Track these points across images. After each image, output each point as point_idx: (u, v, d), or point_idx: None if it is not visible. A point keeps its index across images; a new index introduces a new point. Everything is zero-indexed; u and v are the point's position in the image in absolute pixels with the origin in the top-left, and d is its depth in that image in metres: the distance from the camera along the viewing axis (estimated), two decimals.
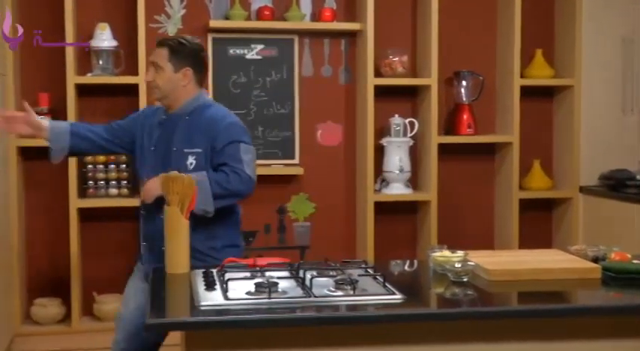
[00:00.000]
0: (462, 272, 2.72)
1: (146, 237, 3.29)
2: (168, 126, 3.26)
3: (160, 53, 3.24)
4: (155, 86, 3.24)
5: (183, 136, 3.20)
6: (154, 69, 3.24)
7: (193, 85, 3.29)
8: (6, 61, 4.41)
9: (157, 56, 3.25)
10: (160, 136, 3.26)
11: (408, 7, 5.14)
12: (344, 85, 5.13)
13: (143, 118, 3.38)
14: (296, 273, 2.73)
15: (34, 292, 4.79)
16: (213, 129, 3.18)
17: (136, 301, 3.26)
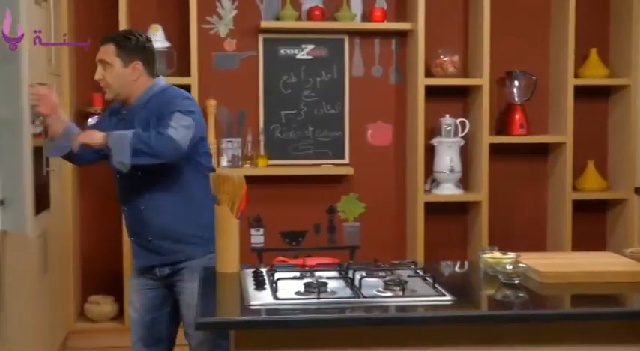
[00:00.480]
0: (513, 274, 2.69)
1: (134, 232, 3.27)
2: (127, 120, 3.25)
3: (107, 50, 3.21)
4: (105, 85, 3.22)
5: (141, 124, 3.16)
6: (103, 67, 3.21)
7: (145, 77, 3.26)
8: (61, 62, 4.49)
9: (103, 53, 3.21)
10: (123, 128, 3.20)
11: (459, 6, 5.10)
12: (394, 85, 5.11)
13: (109, 117, 3.37)
14: (345, 273, 2.73)
15: (88, 290, 4.87)
16: (158, 106, 3.19)
17: (139, 300, 3.33)
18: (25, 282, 3.62)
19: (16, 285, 3.44)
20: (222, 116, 4.95)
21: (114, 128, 3.22)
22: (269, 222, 5.05)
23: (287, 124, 5.02)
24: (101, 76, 3.21)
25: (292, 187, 5.04)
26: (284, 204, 5.03)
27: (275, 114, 5.01)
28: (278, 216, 4.97)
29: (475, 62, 4.97)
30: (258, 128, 4.97)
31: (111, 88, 3.22)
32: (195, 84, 4.70)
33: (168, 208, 3.20)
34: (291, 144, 5.03)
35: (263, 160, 4.91)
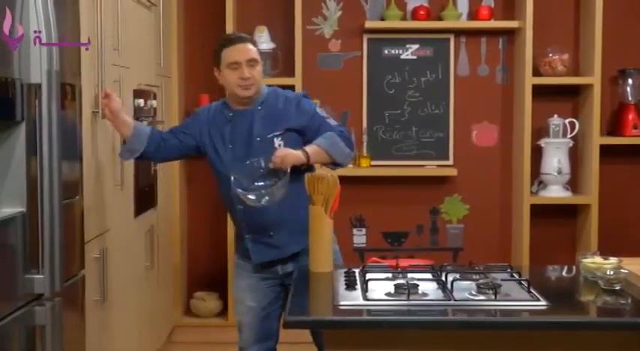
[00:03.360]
0: (614, 280, 2.59)
1: (252, 229, 3.23)
2: (241, 120, 3.20)
3: (252, 49, 3.20)
4: (253, 82, 3.17)
5: (262, 125, 3.18)
6: (251, 65, 3.16)
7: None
8: (170, 65, 4.63)
9: (252, 52, 3.19)
10: (232, 131, 3.20)
11: (570, 2, 4.96)
12: (501, 85, 5.01)
13: (204, 121, 3.29)
14: (438, 275, 2.70)
15: (194, 286, 5.00)
16: (290, 111, 3.21)
17: (254, 298, 3.28)
18: (131, 277, 3.75)
19: (123, 280, 3.57)
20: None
21: (220, 131, 3.22)
22: (371, 222, 5.08)
23: (390, 124, 5.01)
24: (250, 74, 3.16)
25: (395, 188, 5.01)
26: (386, 204, 5.01)
27: (378, 114, 5.00)
28: (380, 216, 5.00)
29: (586, 60, 4.82)
30: (362, 128, 4.98)
31: (256, 85, 3.20)
32: (300, 84, 4.75)
33: (287, 201, 3.14)
34: (394, 144, 5.01)
35: (366, 160, 4.91)
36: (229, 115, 3.24)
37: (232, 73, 3.16)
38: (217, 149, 3.22)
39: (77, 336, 2.87)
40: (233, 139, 3.20)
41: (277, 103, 3.23)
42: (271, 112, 3.21)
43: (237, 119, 3.22)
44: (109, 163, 3.41)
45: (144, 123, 4.00)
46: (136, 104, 3.86)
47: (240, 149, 3.18)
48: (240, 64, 3.14)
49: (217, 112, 3.30)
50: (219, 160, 3.21)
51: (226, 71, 3.18)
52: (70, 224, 2.77)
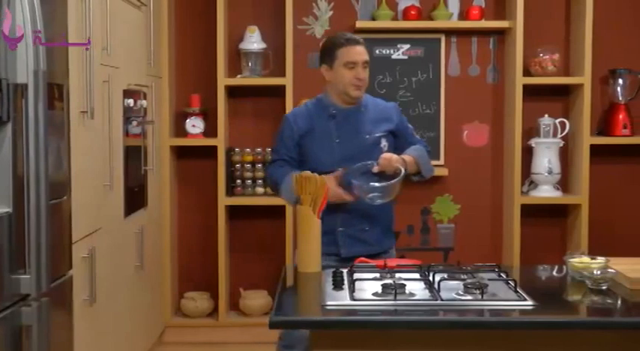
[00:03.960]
0: (600, 280, 2.60)
1: (348, 223, 3.28)
2: (346, 118, 3.32)
3: (364, 50, 3.33)
4: (365, 85, 3.32)
5: (370, 123, 3.33)
6: (364, 67, 3.30)
7: None
8: (161, 64, 4.63)
9: (366, 55, 3.32)
10: (338, 127, 3.32)
11: (560, 2, 4.96)
12: (491, 85, 5.01)
13: (300, 122, 3.35)
14: (425, 275, 2.70)
15: (185, 286, 4.99)
16: (391, 116, 3.41)
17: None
18: (121, 277, 3.75)
19: (113, 280, 3.57)
20: None
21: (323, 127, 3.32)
22: None
23: None
24: (364, 76, 3.31)
25: None
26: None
27: None
28: None
29: (577, 60, 4.83)
30: None
31: (365, 87, 3.35)
32: (290, 84, 4.75)
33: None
34: None
35: None
36: (332, 112, 3.34)
37: (348, 72, 3.27)
38: (322, 145, 3.31)
39: (65, 336, 2.87)
40: (339, 135, 3.31)
41: (379, 106, 3.43)
42: (377, 114, 3.37)
43: (341, 116, 3.33)
44: (98, 162, 3.41)
45: (133, 123, 4.01)
46: (126, 104, 3.86)
47: (348, 145, 3.29)
48: (357, 64, 3.28)
49: (316, 109, 3.38)
50: (325, 154, 3.29)
51: (342, 70, 3.28)
52: (58, 224, 2.76)
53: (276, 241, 4.85)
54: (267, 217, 4.93)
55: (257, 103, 4.98)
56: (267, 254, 4.93)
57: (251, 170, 4.87)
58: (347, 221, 3.29)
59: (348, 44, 3.30)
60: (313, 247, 2.89)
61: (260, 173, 4.86)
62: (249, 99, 4.97)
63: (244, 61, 4.86)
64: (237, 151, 4.89)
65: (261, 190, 4.86)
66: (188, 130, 4.83)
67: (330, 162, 3.25)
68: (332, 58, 3.31)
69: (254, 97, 4.97)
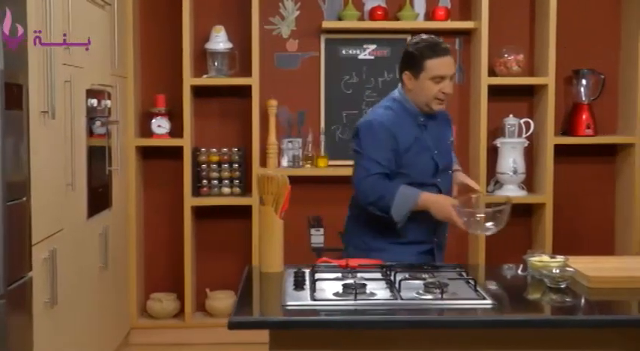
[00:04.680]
0: (559, 278, 2.62)
1: (438, 233, 3.19)
2: (431, 126, 3.19)
3: (452, 62, 3.12)
4: (449, 97, 3.15)
5: (444, 131, 3.27)
6: (450, 80, 3.09)
7: None
8: (126, 64, 4.60)
9: (453, 66, 3.13)
10: (432, 138, 3.17)
11: (525, 3, 5.00)
12: (457, 85, 5.03)
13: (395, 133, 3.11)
14: (387, 275, 2.71)
15: (151, 287, 4.96)
16: (446, 118, 3.34)
17: None
18: (84, 279, 3.72)
19: (75, 281, 3.53)
20: (283, 116, 4.98)
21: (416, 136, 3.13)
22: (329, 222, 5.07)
23: (348, 124, 5.01)
24: (451, 90, 3.11)
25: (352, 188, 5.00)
26: (344, 204, 4.97)
27: (336, 114, 5.01)
28: (338, 216, 4.96)
29: (541, 61, 4.87)
30: (319, 128, 4.98)
31: (448, 100, 3.18)
32: (257, 84, 4.74)
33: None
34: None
35: (323, 160, 4.91)
36: (421, 121, 3.17)
37: (434, 86, 3.07)
38: (424, 156, 3.15)
39: (24, 338, 2.84)
40: (435, 146, 3.17)
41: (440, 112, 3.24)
42: (442, 118, 3.27)
43: (428, 124, 3.18)
44: (60, 163, 3.38)
45: (97, 123, 3.98)
46: (89, 104, 3.83)
47: (442, 156, 3.20)
48: (445, 78, 3.08)
49: (405, 116, 3.16)
50: (427, 166, 3.15)
51: (428, 82, 3.07)
52: (16, 225, 2.73)
53: (243, 242, 4.84)
54: (234, 217, 4.92)
55: (223, 103, 4.96)
56: (233, 254, 4.91)
57: (217, 170, 4.85)
58: (439, 231, 3.19)
59: (437, 56, 3.05)
60: (275, 247, 2.88)
61: (226, 173, 4.85)
62: (215, 99, 4.95)
63: (210, 61, 4.84)
64: (203, 151, 4.87)
65: (228, 191, 4.85)
66: (154, 130, 4.80)
67: (431, 173, 3.14)
68: (418, 69, 3.07)
69: (220, 97, 4.95)
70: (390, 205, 3.05)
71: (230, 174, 4.86)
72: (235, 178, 4.86)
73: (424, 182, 3.11)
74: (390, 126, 3.12)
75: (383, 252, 3.13)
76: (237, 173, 4.86)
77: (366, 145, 3.17)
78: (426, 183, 3.12)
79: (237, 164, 4.86)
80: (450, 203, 3.00)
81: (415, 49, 3.11)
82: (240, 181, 4.85)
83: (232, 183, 4.86)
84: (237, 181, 4.86)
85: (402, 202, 3.04)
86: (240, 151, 4.88)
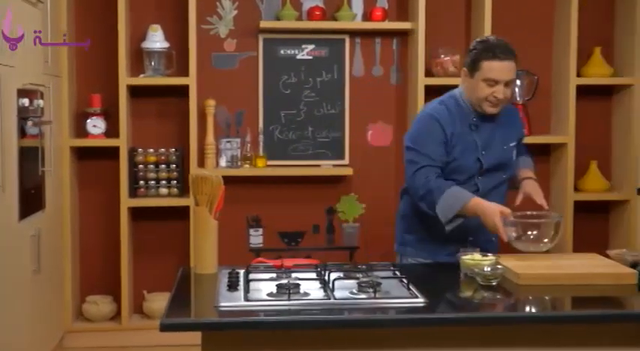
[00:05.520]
0: (490, 276, 2.66)
1: (474, 233, 3.12)
2: (485, 126, 3.13)
3: (511, 67, 3.05)
4: (505, 102, 3.09)
5: (505, 132, 3.18)
6: (506, 85, 3.04)
7: None
8: (60, 64, 4.51)
9: (512, 72, 3.05)
10: (481, 138, 3.13)
11: (461, 5, 5.06)
12: (395, 85, 5.08)
13: (445, 127, 3.10)
14: (321, 275, 2.71)
15: (87, 290, 4.89)
16: (516, 122, 3.29)
17: None
18: (15, 282, 3.64)
19: (6, 285, 3.46)
20: (221, 116, 4.95)
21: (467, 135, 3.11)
22: (268, 222, 5.07)
23: (286, 124, 5.01)
24: (504, 95, 3.05)
25: (291, 188, 5.03)
26: (283, 204, 5.02)
27: (275, 114, 5.00)
28: (277, 216, 4.98)
29: None
30: (258, 128, 4.96)
31: (504, 105, 3.11)
32: (194, 84, 4.71)
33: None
34: (290, 144, 5.02)
35: (262, 160, 4.90)
36: (473, 120, 3.13)
37: (486, 89, 3.04)
38: (469, 155, 3.12)
39: None
40: (484, 146, 3.12)
41: (507, 111, 3.20)
42: (508, 120, 3.19)
43: (482, 124, 3.14)
44: None
45: (29, 123, 3.90)
46: (20, 104, 3.75)
47: (491, 157, 3.14)
48: (499, 82, 3.02)
49: (458, 113, 3.13)
50: (469, 164, 3.12)
51: (481, 83, 3.04)
52: None
53: (181, 243, 4.80)
54: (171, 219, 4.88)
55: (160, 103, 4.92)
56: (171, 256, 4.87)
57: (154, 171, 4.81)
58: (477, 230, 3.09)
59: (494, 59, 3.00)
60: (210, 248, 2.87)
61: (164, 174, 4.80)
62: (152, 99, 4.90)
63: (147, 61, 4.79)
64: (140, 151, 4.82)
65: (165, 191, 4.80)
66: (89, 130, 4.73)
67: (473, 173, 3.12)
68: (474, 68, 3.05)
69: (157, 96, 4.90)
70: (436, 202, 3.01)
71: (167, 175, 4.82)
72: (173, 179, 4.82)
73: (465, 180, 3.10)
74: (440, 119, 3.10)
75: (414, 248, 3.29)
76: (174, 174, 4.81)
77: (415, 138, 3.16)
78: (467, 181, 3.11)
79: (175, 165, 4.82)
80: (500, 211, 2.91)
81: (475, 47, 3.09)
82: (178, 181, 4.81)
83: (170, 184, 4.82)
84: (175, 182, 4.81)
85: (449, 202, 3.00)
86: (178, 151, 4.84)
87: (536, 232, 2.84)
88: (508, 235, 2.87)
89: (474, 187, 3.14)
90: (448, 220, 3.02)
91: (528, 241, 2.84)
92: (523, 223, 2.86)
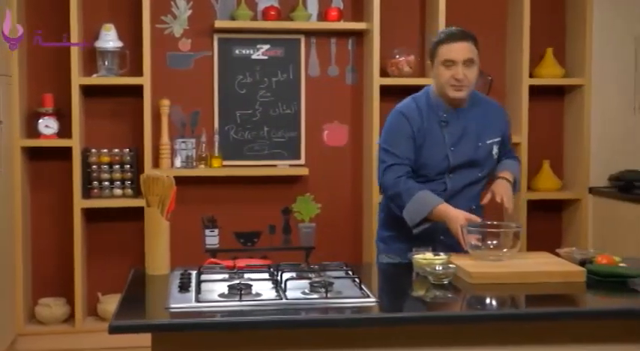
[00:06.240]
0: (442, 275, 2.67)
1: (446, 232, 3.06)
2: (457, 121, 3.10)
3: (470, 48, 3.05)
4: (467, 85, 3.04)
5: (481, 128, 3.12)
6: (466, 65, 3.02)
7: None
8: (10, 63, 4.44)
9: (469, 52, 3.04)
10: (451, 134, 3.09)
11: (415, 5, 5.09)
12: (350, 85, 5.09)
13: (413, 123, 3.10)
14: (274, 275, 2.71)
15: (39, 292, 4.82)
16: (499, 119, 3.22)
17: None
18: None
19: None
20: (176, 116, 4.92)
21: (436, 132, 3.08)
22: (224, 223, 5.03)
23: (242, 124, 4.99)
24: (464, 75, 3.01)
25: (247, 188, 5.01)
26: (239, 204, 5.00)
27: (230, 114, 4.98)
28: (233, 217, 4.95)
29: None
30: (213, 128, 4.94)
31: (470, 87, 3.06)
32: (148, 84, 4.67)
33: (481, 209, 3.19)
34: (246, 144, 5.00)
35: (217, 160, 4.88)
36: (443, 116, 3.10)
37: (446, 72, 3.03)
38: (436, 151, 3.09)
39: None
40: (453, 143, 3.09)
41: (490, 109, 3.19)
42: (488, 117, 3.15)
43: (453, 121, 3.10)
44: None
45: None
46: None
47: (461, 153, 3.09)
48: (456, 63, 3.01)
49: (427, 108, 3.12)
50: (437, 161, 3.09)
51: (440, 68, 3.04)
52: None
53: (135, 244, 4.75)
54: (126, 219, 4.84)
55: (114, 103, 4.86)
56: (125, 257, 4.82)
57: (108, 172, 4.76)
58: (448, 231, 3.04)
59: (448, 41, 3.03)
60: (161, 249, 2.85)
61: (118, 175, 4.75)
62: (106, 99, 4.85)
63: (100, 60, 4.74)
64: (93, 151, 4.76)
65: (119, 192, 4.76)
66: (41, 130, 4.67)
67: (442, 169, 3.10)
68: (433, 55, 3.08)
69: (111, 96, 4.85)
70: (404, 205, 3.03)
71: (122, 175, 4.77)
72: (127, 180, 4.77)
73: (434, 176, 3.09)
74: (408, 114, 3.12)
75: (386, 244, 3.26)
76: (128, 174, 4.77)
77: (385, 136, 3.19)
78: (435, 178, 3.09)
79: (129, 165, 4.77)
80: (465, 218, 2.92)
81: (435, 37, 3.14)
82: (132, 182, 4.76)
83: (124, 184, 4.77)
84: (129, 183, 4.77)
85: (417, 207, 3.01)
86: (132, 151, 4.79)
87: (495, 242, 2.85)
88: (468, 243, 2.88)
89: (442, 185, 3.12)
90: (415, 224, 3.03)
91: (488, 250, 2.84)
92: (483, 232, 2.87)
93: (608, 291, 2.63)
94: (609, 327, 2.47)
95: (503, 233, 2.88)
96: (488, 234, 2.87)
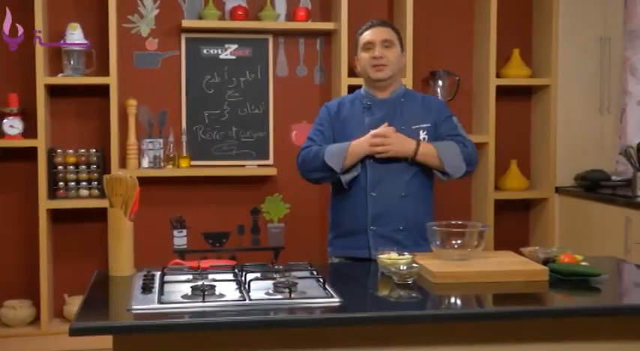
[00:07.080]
0: (406, 275, 2.68)
1: (380, 221, 3.15)
2: (382, 109, 3.26)
3: (389, 32, 3.26)
4: (386, 62, 3.20)
5: (408, 115, 3.24)
6: (384, 46, 3.21)
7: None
8: None
9: (386, 34, 3.24)
10: (372, 118, 3.24)
11: (383, 6, 5.10)
12: (318, 85, 5.09)
13: (332, 115, 3.34)
14: (238, 276, 2.70)
15: (4, 294, 4.76)
16: (433, 107, 3.31)
17: None
18: None
19: None
20: (143, 116, 4.89)
21: (358, 119, 3.26)
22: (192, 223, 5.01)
23: (210, 124, 4.98)
24: (382, 54, 3.19)
25: (215, 188, 5.00)
26: (207, 205, 4.98)
27: (198, 114, 4.96)
28: (201, 217, 4.95)
29: None
30: (181, 128, 4.92)
31: (390, 67, 3.22)
32: (115, 84, 4.64)
33: (426, 199, 3.26)
34: (214, 144, 4.98)
35: (185, 160, 4.85)
36: (367, 104, 3.28)
37: (366, 54, 3.23)
38: (354, 135, 3.21)
39: None
40: (373, 126, 3.20)
41: (421, 99, 3.33)
42: (417, 106, 3.27)
43: (377, 107, 3.25)
44: None
45: None
46: None
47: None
48: (374, 44, 3.21)
49: (352, 98, 3.35)
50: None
51: (361, 54, 3.26)
52: None
53: (102, 245, 4.71)
54: (92, 220, 4.80)
55: (80, 103, 4.82)
56: (92, 258, 4.78)
57: (75, 172, 4.71)
58: (379, 219, 3.16)
59: (367, 29, 3.28)
60: (125, 250, 2.83)
61: (84, 175, 4.72)
62: (71, 98, 4.80)
63: (66, 60, 4.69)
64: (59, 152, 4.72)
65: (86, 193, 4.72)
66: (5, 130, 4.62)
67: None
68: (356, 47, 3.31)
69: (77, 96, 4.80)
70: (322, 157, 3.20)
71: (88, 176, 4.73)
72: (94, 180, 4.73)
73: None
74: (329, 105, 3.39)
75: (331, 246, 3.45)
76: (95, 175, 4.73)
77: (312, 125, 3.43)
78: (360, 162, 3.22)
79: (96, 165, 4.73)
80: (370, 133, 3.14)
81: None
82: (99, 183, 4.72)
83: (90, 185, 4.73)
84: (96, 183, 4.73)
85: (334, 151, 3.18)
86: (99, 152, 4.76)
87: (460, 241, 2.86)
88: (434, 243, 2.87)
89: (363, 170, 3.23)
90: (342, 168, 3.17)
91: (452, 250, 2.85)
92: (447, 232, 2.88)
93: (569, 290, 2.66)
94: (571, 325, 2.49)
95: (468, 233, 2.89)
96: (452, 234, 2.88)
